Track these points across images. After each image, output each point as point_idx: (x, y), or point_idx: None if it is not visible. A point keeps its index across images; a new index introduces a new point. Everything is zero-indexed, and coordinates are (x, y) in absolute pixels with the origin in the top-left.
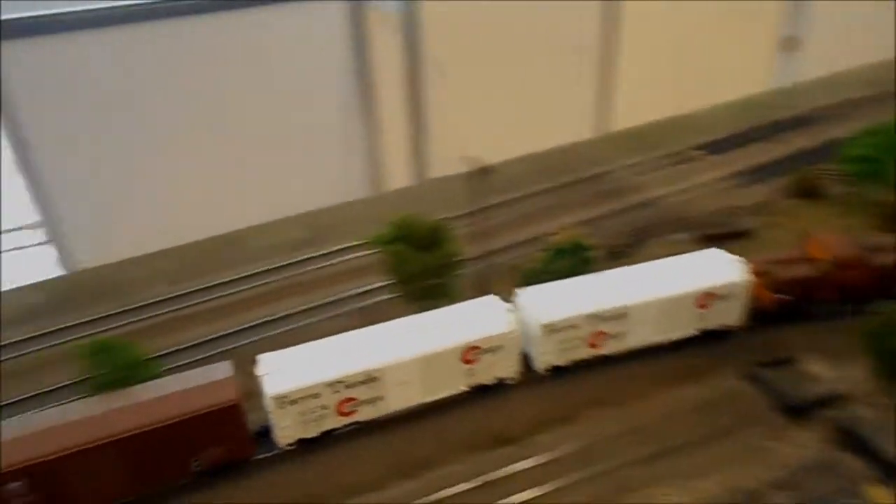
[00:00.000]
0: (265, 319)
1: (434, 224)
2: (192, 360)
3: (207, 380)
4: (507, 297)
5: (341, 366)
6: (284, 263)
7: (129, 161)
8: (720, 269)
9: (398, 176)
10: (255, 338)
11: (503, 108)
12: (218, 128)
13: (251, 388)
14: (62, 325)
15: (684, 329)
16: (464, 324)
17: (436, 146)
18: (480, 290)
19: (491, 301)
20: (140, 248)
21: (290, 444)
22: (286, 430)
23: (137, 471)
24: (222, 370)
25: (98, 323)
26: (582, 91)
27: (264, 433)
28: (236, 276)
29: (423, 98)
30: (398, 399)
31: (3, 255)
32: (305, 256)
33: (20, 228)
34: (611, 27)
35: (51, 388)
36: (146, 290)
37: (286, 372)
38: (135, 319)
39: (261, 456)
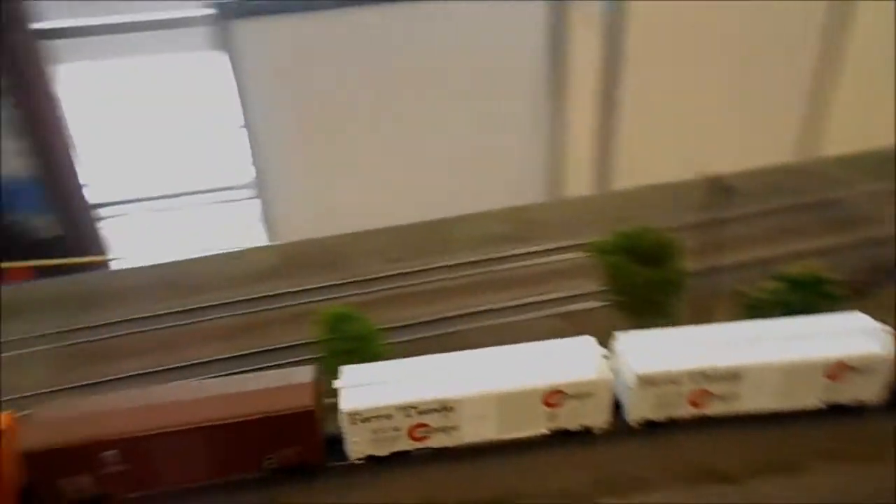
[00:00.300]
0: (475, 310)
1: (663, 239)
2: (404, 339)
3: (288, 382)
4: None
5: (417, 390)
6: (491, 257)
7: (340, 139)
8: (860, 336)
9: (580, 182)
10: (464, 327)
11: (703, 120)
12: (419, 115)
13: None
14: (290, 290)
15: (807, 400)
16: (550, 364)
17: (625, 154)
18: (698, 312)
19: (585, 343)
20: (344, 224)
21: (360, 459)
22: (357, 445)
23: (214, 459)
24: (304, 374)
25: (320, 291)
26: (796, 104)
27: (341, 441)
28: (446, 263)
29: (617, 103)
30: (473, 432)
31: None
32: (511, 252)
33: (233, 188)
34: (837, 31)
35: (278, 346)
36: (363, 266)
37: (363, 388)
38: (355, 293)
39: (335, 464)
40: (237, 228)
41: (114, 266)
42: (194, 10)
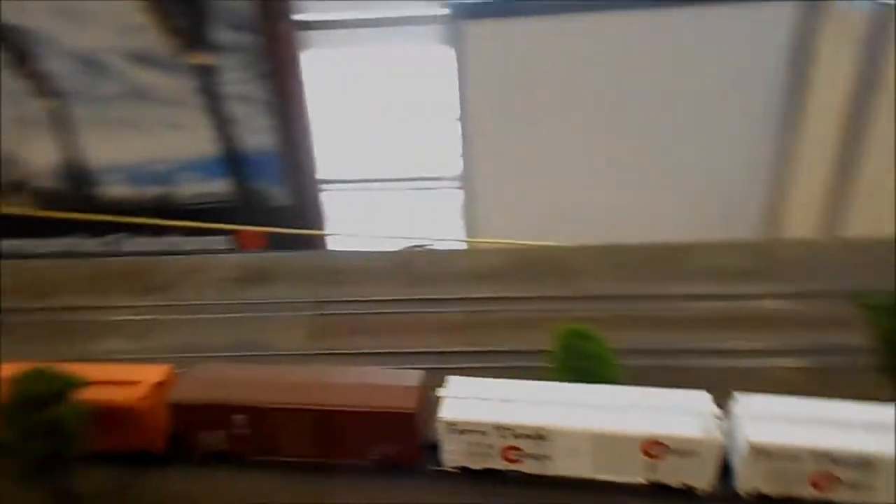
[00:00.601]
0: (708, 346)
1: None
2: (630, 364)
3: (397, 382)
4: None
5: (516, 413)
6: (729, 292)
7: (553, 145)
8: None
9: (806, 219)
10: (695, 363)
11: None
12: (636, 129)
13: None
14: (515, 295)
15: None
16: (657, 413)
17: (868, 194)
18: None
19: (700, 398)
20: (545, 231)
21: (455, 469)
22: (452, 455)
23: (322, 441)
24: (413, 377)
25: (546, 301)
26: None
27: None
28: (681, 292)
29: (865, 132)
30: (566, 465)
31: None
32: (752, 290)
33: (441, 179)
34: None
35: (500, 349)
36: (591, 281)
37: (465, 400)
38: (582, 308)
39: (433, 468)
40: (440, 220)
41: (330, 241)
42: (431, 9)
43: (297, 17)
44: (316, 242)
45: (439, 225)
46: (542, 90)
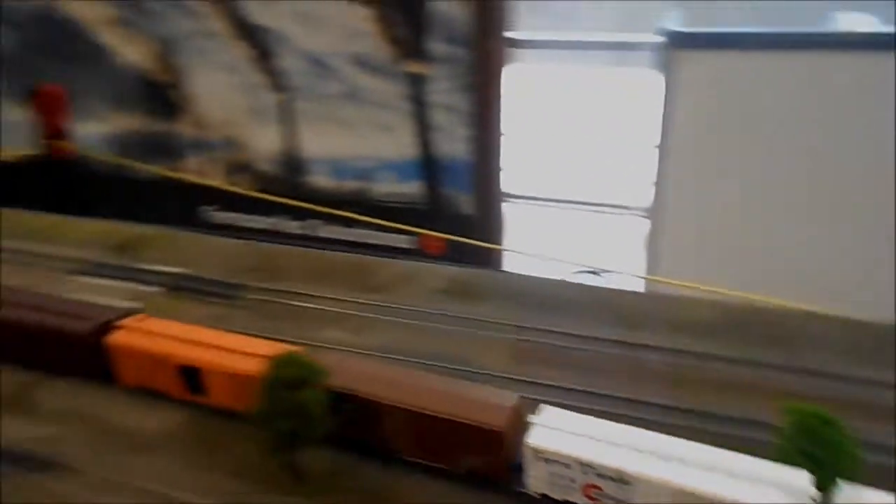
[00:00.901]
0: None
1: None
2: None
3: (492, 399)
4: None
5: (601, 452)
6: None
7: (753, 189)
8: None
9: None
10: None
11: None
12: (851, 181)
13: None
14: (726, 355)
15: None
16: (746, 482)
17: None
18: None
19: (798, 477)
20: (735, 282)
21: (537, 495)
22: (535, 481)
23: (419, 442)
24: (508, 398)
25: (761, 368)
26: None
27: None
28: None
29: None
30: None
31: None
32: None
33: (628, 208)
34: None
35: (711, 411)
36: (811, 353)
37: (555, 430)
38: (799, 379)
39: (519, 489)
40: (621, 250)
41: (506, 257)
42: (645, 36)
43: (509, 34)
44: (494, 256)
45: (619, 255)
46: (751, 129)
